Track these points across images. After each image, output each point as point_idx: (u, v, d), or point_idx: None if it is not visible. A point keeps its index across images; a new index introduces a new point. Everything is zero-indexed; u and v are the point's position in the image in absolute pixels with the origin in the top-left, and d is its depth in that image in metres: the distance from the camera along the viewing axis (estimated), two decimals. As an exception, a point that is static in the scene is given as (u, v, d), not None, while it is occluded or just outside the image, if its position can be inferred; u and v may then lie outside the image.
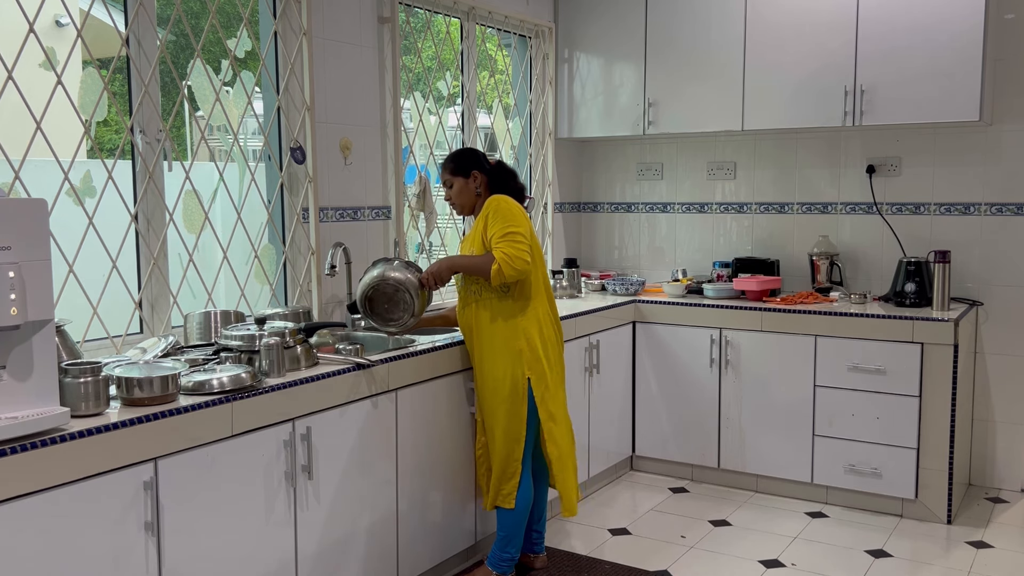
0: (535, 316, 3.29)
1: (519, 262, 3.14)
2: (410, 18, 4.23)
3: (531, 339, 3.26)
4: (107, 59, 3.05)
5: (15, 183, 2.70)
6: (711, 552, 3.75)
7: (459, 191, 3.37)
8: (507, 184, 3.38)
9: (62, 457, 2.11)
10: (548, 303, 3.39)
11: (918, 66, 4.09)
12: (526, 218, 3.26)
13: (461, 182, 3.36)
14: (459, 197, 3.38)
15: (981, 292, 4.42)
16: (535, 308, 3.30)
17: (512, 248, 3.14)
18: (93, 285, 2.93)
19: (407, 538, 3.21)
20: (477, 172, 3.35)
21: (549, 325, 3.36)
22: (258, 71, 3.49)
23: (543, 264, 3.43)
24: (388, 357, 3.07)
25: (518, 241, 3.16)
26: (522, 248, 3.15)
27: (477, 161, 3.38)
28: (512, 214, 3.21)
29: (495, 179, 3.37)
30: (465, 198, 3.37)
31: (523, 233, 3.18)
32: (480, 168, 3.36)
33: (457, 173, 3.36)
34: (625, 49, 4.87)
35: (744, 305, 4.38)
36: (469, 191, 3.36)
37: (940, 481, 3.99)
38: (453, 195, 3.39)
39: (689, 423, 4.56)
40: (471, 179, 3.35)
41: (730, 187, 5.03)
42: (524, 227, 3.20)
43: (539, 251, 3.38)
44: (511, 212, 3.21)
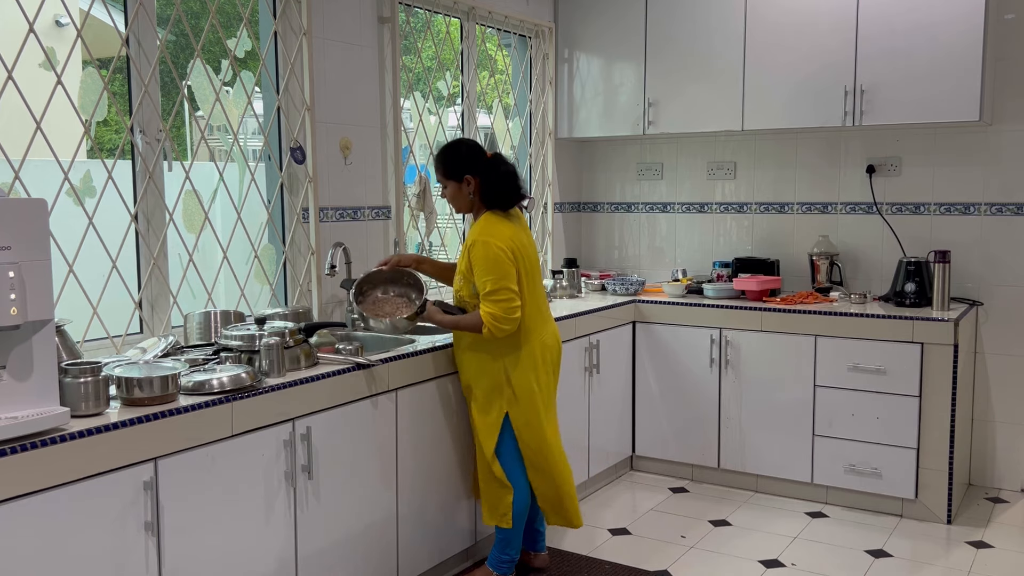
0: (526, 349, 3.20)
1: (508, 322, 3.06)
2: (410, 18, 4.23)
3: (512, 375, 3.18)
4: (107, 59, 3.05)
5: (15, 183, 2.70)
6: (711, 552, 3.75)
7: (452, 195, 3.24)
8: (500, 189, 3.18)
9: (62, 457, 2.11)
10: (541, 330, 3.26)
11: (918, 66, 4.09)
12: (511, 253, 3.09)
13: (454, 187, 3.21)
14: (453, 201, 3.26)
15: (981, 292, 4.42)
16: (526, 340, 3.20)
17: (499, 307, 3.04)
18: (93, 285, 2.93)
19: (407, 538, 3.21)
20: (470, 176, 3.17)
21: (541, 354, 3.26)
22: (258, 71, 3.49)
23: (536, 285, 3.27)
24: (388, 357, 3.07)
25: (505, 299, 3.05)
26: (511, 305, 3.06)
27: (470, 162, 3.19)
28: (497, 261, 3.06)
29: (487, 184, 3.17)
30: (459, 203, 3.25)
31: (510, 286, 3.06)
32: (473, 170, 3.18)
33: (450, 176, 3.21)
34: (625, 49, 4.87)
35: (744, 305, 4.38)
36: (462, 196, 3.21)
37: (940, 481, 3.99)
38: (447, 196, 3.27)
39: (689, 423, 4.56)
40: (464, 183, 3.19)
41: (730, 187, 5.03)
42: (510, 275, 3.07)
43: (534, 270, 3.25)
44: (496, 259, 3.06)
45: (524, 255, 3.18)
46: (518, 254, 3.14)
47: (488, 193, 3.17)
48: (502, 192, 3.18)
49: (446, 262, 3.58)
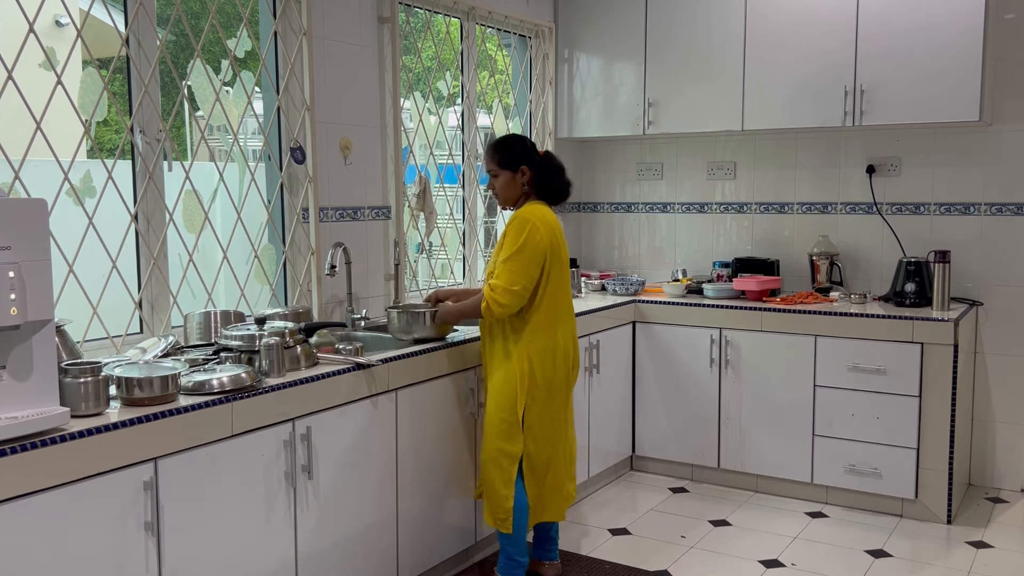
0: (546, 339, 3.17)
1: (508, 295, 3.04)
2: (410, 18, 4.23)
3: (533, 364, 3.15)
4: (107, 59, 3.05)
5: (15, 183, 2.70)
6: (711, 552, 3.75)
7: (504, 185, 3.22)
8: (553, 181, 3.24)
9: (62, 457, 2.11)
10: (565, 323, 3.25)
11: (918, 66, 4.09)
12: (547, 236, 3.11)
13: (507, 176, 3.21)
14: (504, 191, 3.23)
15: (981, 292, 4.42)
16: (548, 330, 3.18)
17: (502, 279, 3.04)
18: (93, 285, 2.93)
19: (407, 538, 3.21)
20: (526, 167, 3.20)
21: (564, 350, 3.23)
22: (258, 71, 3.49)
23: (561, 280, 3.24)
24: (388, 357, 3.07)
25: (511, 272, 3.05)
26: (514, 279, 3.04)
27: (527, 154, 3.22)
28: (527, 240, 3.07)
29: (541, 175, 3.23)
30: (510, 192, 3.23)
31: (528, 267, 3.06)
32: (529, 162, 3.21)
33: (505, 166, 3.21)
34: (625, 49, 4.87)
35: (744, 305, 4.38)
36: (515, 186, 3.22)
37: (940, 481, 3.99)
38: (497, 186, 3.24)
39: (689, 423, 4.56)
40: (519, 174, 3.20)
41: (730, 187, 5.03)
42: (535, 258, 3.07)
43: (565, 268, 3.24)
44: (527, 237, 3.07)
45: (559, 246, 3.20)
46: (554, 244, 3.16)
47: (542, 184, 3.23)
48: (556, 185, 3.25)
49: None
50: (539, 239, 3.09)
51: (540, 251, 3.10)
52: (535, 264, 3.09)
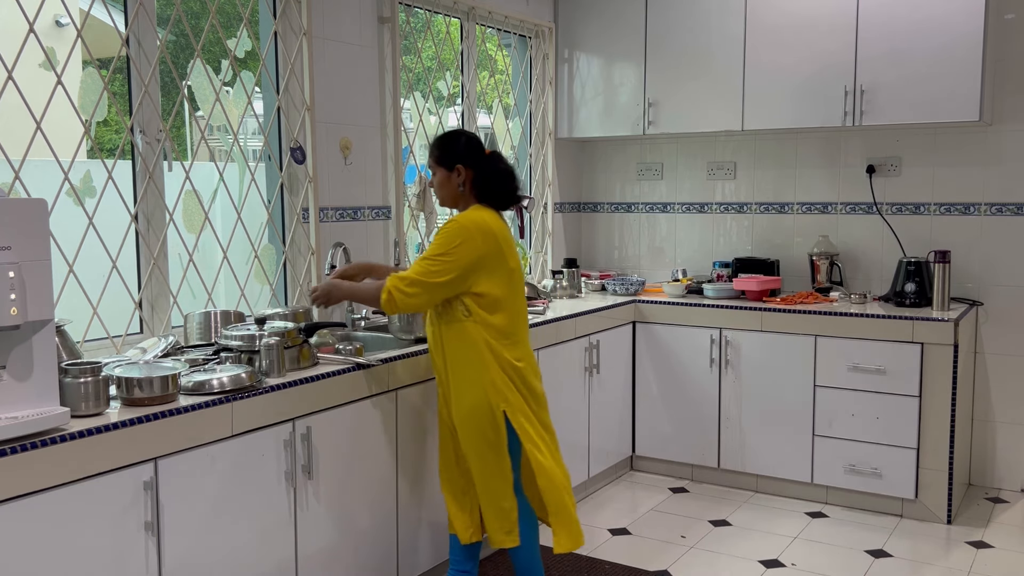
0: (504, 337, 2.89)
1: (415, 287, 2.76)
2: (410, 18, 4.23)
3: (503, 366, 2.87)
4: (107, 59, 3.05)
5: (15, 183, 2.70)
6: (711, 552, 3.74)
7: (439, 183, 2.99)
8: (495, 185, 2.95)
9: (62, 457, 2.11)
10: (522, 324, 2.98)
11: (918, 66, 4.09)
12: (483, 245, 2.81)
13: (443, 174, 2.96)
14: (439, 189, 3.00)
15: (981, 292, 4.42)
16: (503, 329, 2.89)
17: (413, 270, 2.78)
18: (93, 285, 2.93)
19: (407, 538, 3.21)
20: (462, 167, 2.93)
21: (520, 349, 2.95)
22: (258, 71, 3.49)
23: (516, 283, 2.96)
24: (388, 357, 3.07)
25: (427, 268, 2.77)
26: (428, 273, 2.76)
27: (465, 153, 2.96)
28: (451, 239, 2.78)
29: (481, 177, 2.94)
30: (446, 192, 2.99)
31: (447, 263, 2.77)
32: (467, 162, 2.94)
33: (440, 163, 2.97)
34: (625, 49, 4.87)
35: (744, 305, 4.38)
36: (451, 186, 2.96)
37: (940, 481, 3.99)
38: (434, 185, 3.04)
39: (689, 423, 4.56)
40: (454, 173, 2.94)
41: (730, 187, 5.03)
42: (460, 263, 2.78)
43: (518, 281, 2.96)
44: (453, 237, 2.79)
45: (504, 254, 2.89)
46: (496, 251, 2.86)
47: (483, 187, 2.94)
48: (498, 188, 2.96)
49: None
50: (473, 247, 2.80)
51: (470, 260, 2.80)
52: (462, 269, 2.79)
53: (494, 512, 2.95)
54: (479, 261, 2.81)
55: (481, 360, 2.85)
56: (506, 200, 3.00)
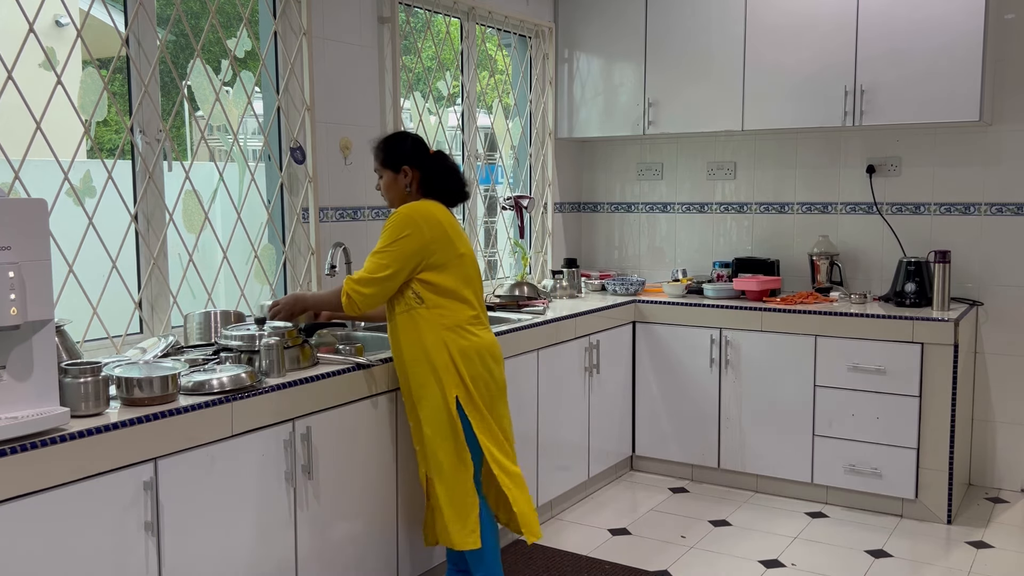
0: (458, 324, 2.92)
1: (371, 285, 2.82)
2: (410, 18, 4.23)
3: (454, 352, 2.89)
4: (107, 59, 3.05)
5: (15, 183, 2.70)
6: (711, 552, 3.74)
7: (387, 185, 3.00)
8: (443, 184, 2.99)
9: (62, 457, 2.11)
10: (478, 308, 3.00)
11: (918, 66, 4.09)
12: (429, 232, 2.85)
13: (390, 176, 2.99)
14: (388, 191, 3.01)
15: (981, 292, 4.42)
16: (457, 315, 2.92)
17: (366, 268, 2.82)
18: (93, 285, 2.93)
19: (407, 538, 3.21)
20: (408, 168, 2.96)
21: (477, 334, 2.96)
22: (258, 71, 3.49)
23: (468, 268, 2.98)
24: (388, 357, 3.07)
25: (377, 262, 2.82)
26: (379, 268, 2.81)
27: (410, 154, 2.98)
28: (398, 231, 2.82)
29: (429, 177, 2.98)
30: (394, 193, 3.00)
31: (395, 254, 2.81)
32: (413, 162, 2.97)
33: (387, 165, 2.99)
34: (625, 49, 4.87)
35: (744, 305, 4.38)
36: (398, 187, 2.98)
37: (940, 481, 3.99)
38: (381, 187, 3.03)
39: (689, 423, 4.56)
40: (401, 175, 2.97)
41: (730, 187, 5.03)
42: (400, 249, 2.82)
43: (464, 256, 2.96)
44: (401, 227, 2.83)
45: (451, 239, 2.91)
46: (443, 237, 2.89)
47: (431, 186, 2.98)
48: (444, 187, 3.00)
49: None
50: (419, 235, 2.84)
51: (416, 247, 2.84)
52: (408, 258, 2.84)
53: (456, 509, 2.94)
54: (426, 248, 2.86)
55: (434, 346, 2.88)
56: (453, 197, 3.03)
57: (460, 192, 3.04)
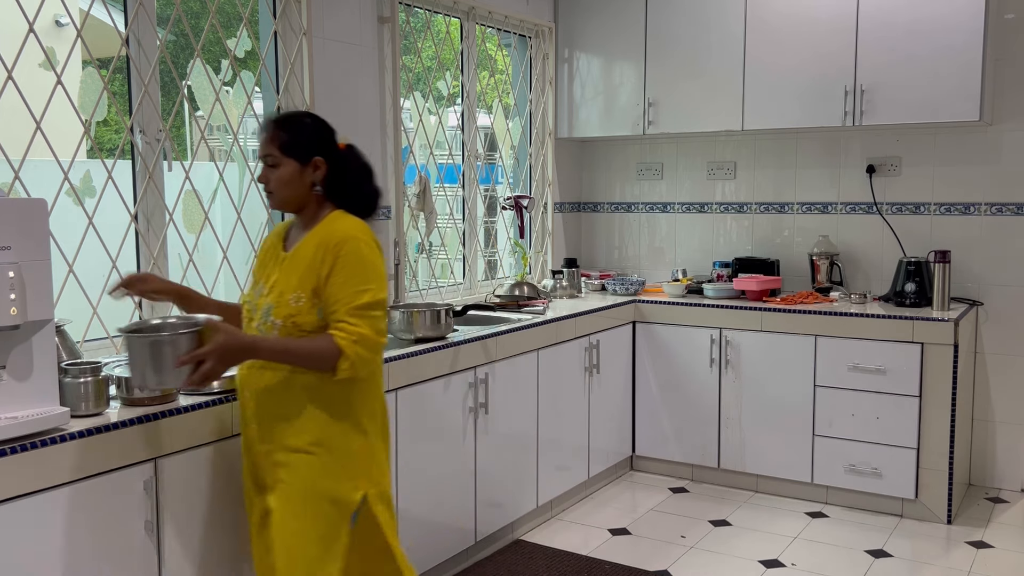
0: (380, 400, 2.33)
1: (376, 349, 2.19)
2: (410, 18, 4.23)
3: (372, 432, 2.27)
4: (107, 59, 3.05)
5: (15, 183, 2.70)
6: (711, 552, 3.74)
7: (287, 179, 2.26)
8: (355, 186, 2.34)
9: (62, 457, 2.11)
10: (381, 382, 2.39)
11: (918, 66, 4.09)
12: (383, 262, 2.27)
13: (293, 168, 2.26)
14: (285, 187, 2.27)
15: (981, 292, 4.42)
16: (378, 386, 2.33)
17: (371, 326, 2.16)
18: (93, 285, 2.92)
19: (407, 538, 3.20)
20: (321, 160, 2.28)
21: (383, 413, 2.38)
22: (258, 71, 3.49)
23: None
24: (388, 357, 3.07)
25: (380, 317, 2.20)
26: (383, 326, 2.21)
27: (325, 142, 2.31)
28: (376, 268, 2.21)
29: (339, 176, 2.31)
30: (293, 191, 2.27)
31: (385, 300, 2.23)
32: (326, 154, 2.30)
33: (291, 152, 2.26)
34: (625, 49, 4.87)
35: (744, 305, 4.38)
36: (301, 184, 2.27)
37: (940, 481, 3.99)
38: (273, 180, 2.27)
39: (689, 423, 4.56)
40: (310, 168, 2.27)
41: (730, 187, 5.03)
42: (386, 287, 2.25)
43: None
44: (375, 265, 2.22)
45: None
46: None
47: (340, 188, 2.31)
48: (359, 191, 2.35)
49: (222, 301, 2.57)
50: (384, 272, 2.27)
51: (386, 286, 2.28)
52: (386, 303, 2.27)
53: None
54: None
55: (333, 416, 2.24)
56: (367, 205, 2.37)
57: (375, 200, 2.39)
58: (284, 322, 2.20)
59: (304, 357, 2.16)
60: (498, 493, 3.68)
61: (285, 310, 2.20)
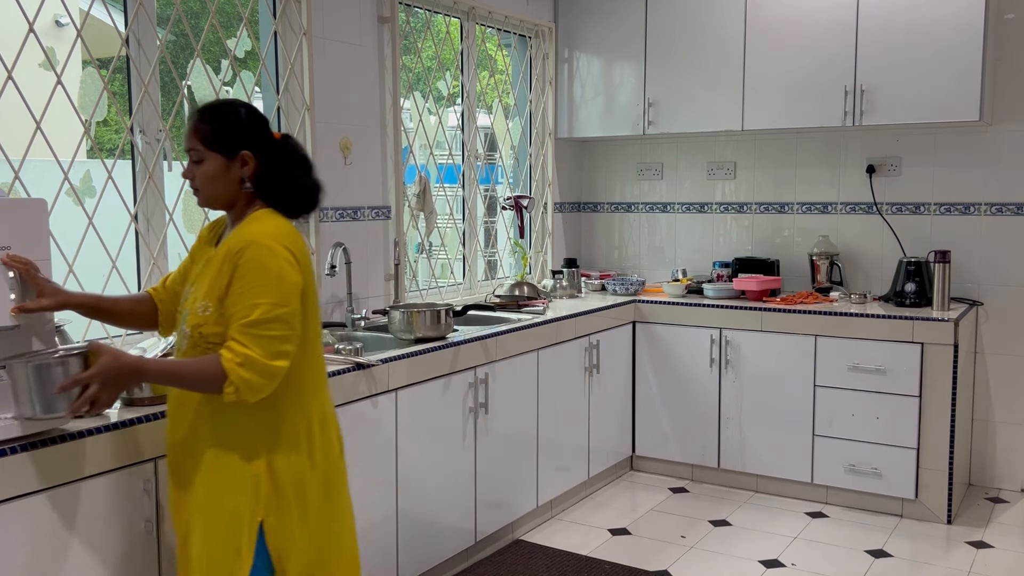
0: (302, 422, 2.08)
1: (267, 374, 1.93)
2: (410, 18, 4.23)
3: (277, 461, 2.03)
4: (107, 59, 3.05)
5: (15, 183, 2.70)
6: (711, 552, 3.74)
7: (212, 176, 2.07)
8: (291, 181, 2.12)
9: (62, 457, 2.10)
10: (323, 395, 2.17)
11: (918, 66, 4.09)
12: (300, 272, 2.02)
13: (218, 163, 2.06)
14: (210, 184, 2.07)
15: (981, 292, 4.42)
16: (302, 408, 2.08)
17: (262, 347, 1.92)
18: (93, 285, 2.92)
19: (407, 538, 3.21)
20: (249, 155, 2.07)
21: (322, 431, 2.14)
22: (258, 71, 3.49)
23: (319, 328, 2.15)
24: (388, 357, 3.07)
25: (277, 335, 1.94)
26: (280, 348, 1.95)
27: (253, 135, 2.10)
28: (281, 278, 1.96)
29: (272, 170, 2.09)
30: (219, 188, 2.08)
31: (290, 320, 1.97)
32: (255, 147, 2.09)
33: (215, 145, 2.06)
34: (625, 49, 4.87)
35: (744, 305, 4.38)
36: (228, 181, 2.07)
37: (940, 481, 3.99)
38: (197, 175, 2.08)
39: (689, 423, 4.56)
40: (237, 163, 2.07)
41: (730, 187, 5.03)
42: (293, 305, 1.98)
43: (316, 306, 2.12)
44: (280, 275, 1.97)
45: (311, 281, 2.11)
46: (308, 278, 2.08)
47: (273, 184, 2.10)
48: (295, 186, 2.13)
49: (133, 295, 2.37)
50: (294, 280, 2.00)
51: (296, 296, 2.01)
52: (296, 311, 2.01)
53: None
54: (301, 292, 2.04)
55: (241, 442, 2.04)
56: (305, 202, 2.16)
57: (314, 196, 2.16)
58: (192, 332, 2.03)
59: (190, 380, 1.96)
60: (498, 493, 3.68)
61: (193, 319, 2.03)
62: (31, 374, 1.93)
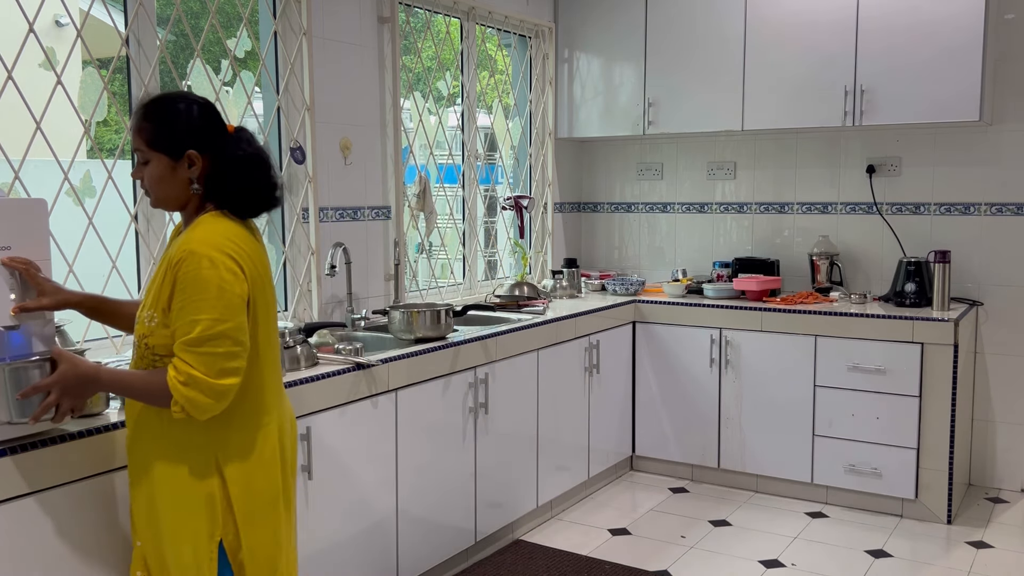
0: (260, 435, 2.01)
1: (215, 394, 1.85)
2: (410, 18, 4.23)
3: (229, 476, 1.95)
4: (107, 59, 3.05)
5: (15, 183, 2.70)
6: (711, 552, 3.74)
7: (158, 177, 1.96)
8: (247, 180, 2.00)
9: (62, 457, 2.10)
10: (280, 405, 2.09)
11: (918, 66, 4.09)
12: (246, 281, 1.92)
13: (164, 164, 1.95)
14: (158, 185, 1.97)
15: (981, 292, 4.42)
16: (259, 421, 2.01)
17: (207, 364, 1.84)
18: (93, 285, 2.92)
19: (407, 538, 3.21)
20: (196, 154, 1.96)
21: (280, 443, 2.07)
22: (258, 71, 3.49)
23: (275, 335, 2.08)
24: (388, 357, 3.07)
25: (221, 352, 1.85)
26: (228, 366, 1.86)
27: (201, 132, 1.98)
28: (222, 290, 1.86)
29: (223, 169, 1.98)
30: (168, 190, 1.98)
31: (235, 335, 1.88)
32: (204, 146, 1.97)
33: (158, 146, 1.95)
34: (625, 49, 4.87)
35: (744, 305, 4.38)
36: (176, 182, 1.97)
37: (940, 481, 3.99)
38: (145, 177, 1.98)
39: (689, 423, 4.56)
40: (183, 163, 1.96)
41: (730, 187, 5.03)
42: (238, 317, 1.88)
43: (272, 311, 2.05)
44: (221, 286, 1.86)
45: (264, 286, 2.01)
46: (258, 284, 1.97)
47: (220, 185, 1.98)
48: (246, 187, 2.00)
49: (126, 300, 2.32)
50: (237, 292, 1.89)
51: (241, 308, 1.91)
52: (242, 324, 1.90)
53: None
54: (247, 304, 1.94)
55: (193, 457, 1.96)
56: (261, 201, 2.04)
57: (271, 194, 2.05)
58: (139, 342, 1.96)
59: (142, 393, 1.91)
60: (498, 493, 3.68)
61: (140, 328, 1.95)
62: (7, 377, 1.92)
